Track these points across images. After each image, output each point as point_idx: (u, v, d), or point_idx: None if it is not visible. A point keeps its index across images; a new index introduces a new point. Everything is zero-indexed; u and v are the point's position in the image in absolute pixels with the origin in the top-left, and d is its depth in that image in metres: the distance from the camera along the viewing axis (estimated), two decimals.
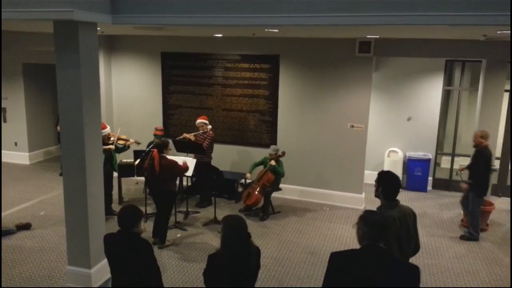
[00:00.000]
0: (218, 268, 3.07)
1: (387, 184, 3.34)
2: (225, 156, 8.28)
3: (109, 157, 6.67)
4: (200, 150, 7.15)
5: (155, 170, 5.69)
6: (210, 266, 3.13)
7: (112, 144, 6.73)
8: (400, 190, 3.43)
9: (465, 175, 7.68)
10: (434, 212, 7.57)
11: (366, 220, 2.72)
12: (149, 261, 3.28)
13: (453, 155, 8.76)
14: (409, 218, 3.37)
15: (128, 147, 7.08)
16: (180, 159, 6.59)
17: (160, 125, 8.54)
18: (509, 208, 7.57)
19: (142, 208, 7.07)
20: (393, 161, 8.71)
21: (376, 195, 3.43)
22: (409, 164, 8.62)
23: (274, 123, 7.99)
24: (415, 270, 2.63)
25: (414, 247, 3.45)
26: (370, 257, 2.63)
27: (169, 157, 5.93)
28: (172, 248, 5.94)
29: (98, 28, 5.07)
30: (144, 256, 3.26)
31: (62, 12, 3.96)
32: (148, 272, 3.27)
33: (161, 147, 5.83)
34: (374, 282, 2.53)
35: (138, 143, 7.25)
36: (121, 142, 6.95)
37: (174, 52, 8.36)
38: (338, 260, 2.69)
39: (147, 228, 5.66)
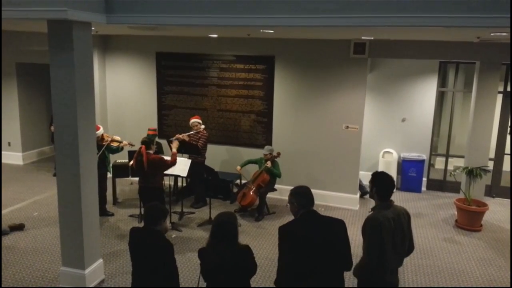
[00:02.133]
0: (206, 262, 3.11)
1: (381, 184, 3.36)
2: (220, 157, 8.28)
3: (103, 157, 6.67)
4: (195, 150, 7.15)
5: (143, 165, 5.82)
6: (201, 260, 3.17)
7: (103, 147, 6.74)
8: (394, 190, 3.44)
9: (459, 176, 7.73)
10: (428, 213, 7.60)
11: (298, 194, 3.24)
12: (167, 261, 3.32)
13: (447, 156, 8.81)
14: (403, 218, 3.38)
15: (122, 148, 7.09)
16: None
17: (154, 125, 8.52)
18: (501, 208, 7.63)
19: (137, 209, 7.07)
20: (387, 162, 8.74)
21: (371, 196, 3.45)
22: (404, 165, 8.66)
23: (269, 124, 7.99)
24: (343, 222, 3.21)
25: (408, 247, 3.47)
26: (311, 220, 3.15)
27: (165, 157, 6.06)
28: None
29: (93, 28, 5.04)
30: (163, 255, 3.30)
31: (56, 11, 3.94)
32: (165, 272, 3.32)
33: (149, 143, 6.01)
34: (320, 238, 3.06)
35: (132, 145, 7.23)
36: (114, 144, 6.96)
37: (169, 52, 8.33)
38: (286, 230, 3.13)
39: None
